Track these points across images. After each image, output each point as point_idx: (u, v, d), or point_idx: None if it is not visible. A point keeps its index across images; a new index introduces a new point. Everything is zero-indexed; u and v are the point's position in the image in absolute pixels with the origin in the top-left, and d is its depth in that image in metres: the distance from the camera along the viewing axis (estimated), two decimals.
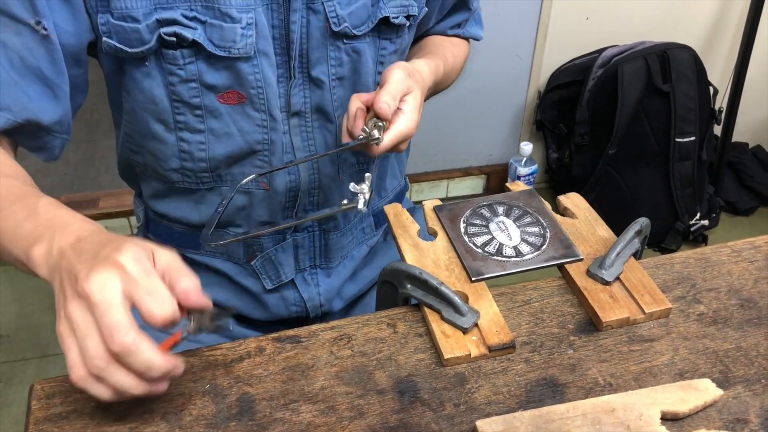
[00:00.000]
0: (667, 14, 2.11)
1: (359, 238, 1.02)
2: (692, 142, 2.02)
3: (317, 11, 0.80)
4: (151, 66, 0.79)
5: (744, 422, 0.62)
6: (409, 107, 0.78)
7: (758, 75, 2.27)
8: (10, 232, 0.65)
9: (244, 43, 0.78)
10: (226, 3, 0.76)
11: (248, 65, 0.80)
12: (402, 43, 0.90)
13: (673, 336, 0.71)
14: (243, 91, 0.81)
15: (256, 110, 0.83)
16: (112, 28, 0.76)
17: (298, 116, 0.86)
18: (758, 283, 0.77)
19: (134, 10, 0.74)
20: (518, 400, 0.65)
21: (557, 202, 0.86)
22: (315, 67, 0.84)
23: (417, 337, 0.70)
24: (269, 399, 0.65)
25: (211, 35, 0.77)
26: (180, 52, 0.77)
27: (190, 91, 0.81)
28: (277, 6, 0.79)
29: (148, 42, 0.76)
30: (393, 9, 0.85)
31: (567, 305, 0.74)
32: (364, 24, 0.84)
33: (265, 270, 0.95)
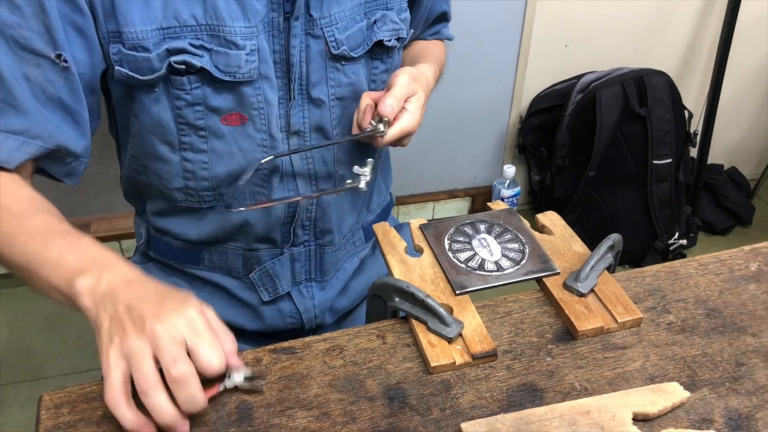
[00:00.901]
0: (643, 41, 2.20)
1: (351, 252, 1.07)
2: (669, 164, 2.09)
3: (317, 36, 0.86)
4: (159, 92, 0.83)
5: (709, 422, 0.67)
6: (413, 107, 0.87)
7: (731, 99, 2.35)
8: (52, 263, 0.70)
9: (248, 68, 0.83)
10: (231, 32, 0.81)
11: (251, 88, 0.84)
12: (392, 63, 0.97)
13: (644, 343, 0.75)
14: (245, 112, 0.86)
15: (257, 130, 0.88)
16: (124, 58, 0.80)
17: (297, 135, 0.91)
18: (723, 294, 0.82)
19: (145, 40, 0.79)
20: (500, 404, 0.69)
21: (535, 219, 0.91)
22: (315, 87, 0.89)
23: (405, 347, 0.75)
24: (266, 406, 0.69)
25: (217, 62, 0.82)
26: (187, 78, 0.82)
27: (195, 114, 0.85)
28: (277, 33, 0.84)
29: (159, 70, 0.81)
30: (386, 33, 0.92)
31: (545, 316, 0.79)
32: (360, 47, 0.90)
33: (263, 283, 0.99)
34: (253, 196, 0.92)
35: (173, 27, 0.80)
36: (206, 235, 0.96)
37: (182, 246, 0.99)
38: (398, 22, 0.93)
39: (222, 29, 0.81)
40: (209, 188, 0.92)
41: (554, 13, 2.06)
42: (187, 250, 0.99)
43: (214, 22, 0.81)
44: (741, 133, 2.52)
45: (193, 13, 0.80)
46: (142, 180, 0.95)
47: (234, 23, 0.81)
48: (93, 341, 0.65)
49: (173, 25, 0.80)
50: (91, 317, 0.66)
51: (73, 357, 1.92)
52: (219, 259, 0.99)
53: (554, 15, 2.06)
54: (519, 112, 2.24)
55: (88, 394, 0.70)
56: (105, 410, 0.68)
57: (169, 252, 1.01)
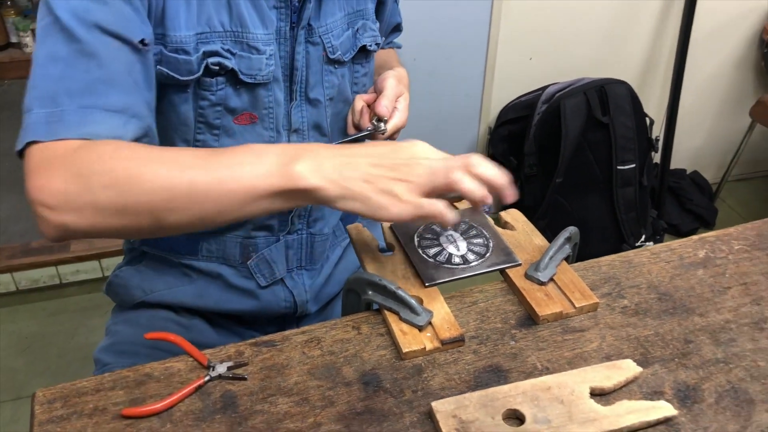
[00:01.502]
0: (604, 53, 2.28)
1: (334, 242, 1.14)
2: (633, 169, 2.17)
3: (316, 43, 0.94)
4: (189, 92, 0.89)
5: (660, 394, 0.73)
6: (402, 106, 1.00)
7: (690, 106, 2.45)
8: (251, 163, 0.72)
9: (267, 71, 0.90)
10: (254, 38, 0.88)
11: (265, 90, 0.92)
12: (369, 66, 1.06)
13: (600, 326, 0.81)
14: (256, 112, 0.93)
15: (265, 128, 0.94)
16: (165, 59, 0.85)
17: (297, 133, 0.98)
18: (673, 279, 0.88)
19: (186, 44, 0.85)
20: (468, 384, 0.74)
21: (499, 216, 0.97)
22: (313, 89, 0.97)
23: (379, 337, 0.80)
24: (249, 394, 0.73)
25: (241, 65, 0.88)
26: (215, 80, 0.88)
27: (215, 113, 0.91)
28: (284, 40, 0.92)
29: (197, 72, 0.86)
30: (368, 39, 1.02)
31: (509, 304, 0.84)
32: (348, 52, 0.99)
33: (260, 269, 1.04)
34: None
35: (206, 32, 0.86)
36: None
37: (181, 236, 1.02)
38: (375, 30, 1.04)
39: (246, 35, 0.88)
40: None
41: (518, 27, 2.14)
42: (185, 241, 1.03)
43: (238, 29, 0.88)
44: (702, 139, 2.62)
45: (221, 20, 0.87)
46: None
47: (256, 30, 0.89)
48: (74, 360, 0.68)
49: (206, 30, 0.86)
50: (331, 194, 0.72)
51: (55, 375, 1.94)
52: (217, 248, 1.03)
53: (519, 29, 2.15)
54: (488, 123, 2.31)
55: (80, 389, 0.73)
56: (96, 403, 0.72)
57: (165, 244, 1.05)
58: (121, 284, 1.08)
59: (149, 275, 1.07)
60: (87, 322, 2.11)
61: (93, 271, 2.21)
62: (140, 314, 1.07)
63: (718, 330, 0.81)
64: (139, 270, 1.07)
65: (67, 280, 2.21)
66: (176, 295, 1.06)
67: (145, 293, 1.06)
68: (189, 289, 1.06)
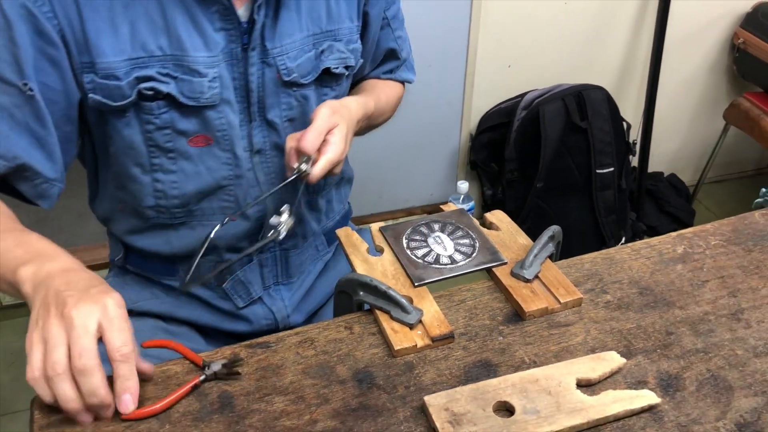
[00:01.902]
0: (581, 59, 2.33)
1: (314, 256, 1.14)
2: (611, 173, 2.21)
3: (270, 64, 0.94)
4: (130, 116, 0.90)
5: (644, 383, 0.76)
6: (335, 138, 0.90)
7: (667, 111, 2.50)
8: (1, 256, 0.77)
9: (211, 94, 0.90)
10: (195, 61, 0.89)
11: (214, 112, 0.92)
12: (340, 89, 1.05)
13: (585, 320, 0.84)
14: (210, 134, 0.94)
15: (222, 150, 0.95)
16: (97, 86, 0.87)
17: (260, 154, 0.99)
18: (654, 274, 0.91)
19: (116, 69, 0.86)
20: (459, 379, 0.76)
21: (484, 218, 0.99)
22: (270, 111, 0.97)
23: (371, 336, 0.82)
24: (246, 394, 0.75)
25: (182, 88, 0.89)
26: (156, 104, 0.89)
27: (164, 137, 0.92)
28: (236, 61, 0.92)
29: (129, 96, 0.88)
30: (333, 61, 1.00)
31: (496, 301, 0.87)
32: (309, 74, 0.98)
33: (236, 291, 1.06)
34: (222, 216, 0.98)
35: (142, 57, 0.87)
36: (179, 249, 1.02)
37: (157, 260, 1.04)
38: (345, 52, 1.01)
39: (186, 59, 0.89)
40: (180, 205, 0.98)
41: (497, 35, 2.18)
42: (161, 264, 1.05)
43: (178, 52, 0.88)
44: (678, 142, 2.67)
45: (159, 44, 0.88)
46: (121, 196, 1.01)
47: (197, 53, 0.89)
48: None
49: (141, 55, 0.87)
50: (29, 302, 0.73)
51: None
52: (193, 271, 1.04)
53: (497, 38, 2.18)
54: (469, 130, 2.35)
55: None
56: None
57: (145, 265, 1.07)
58: None
59: (135, 288, 1.08)
60: None
61: None
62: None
63: (697, 321, 0.83)
64: (125, 282, 1.09)
65: None
66: (163, 305, 1.08)
67: (132, 302, 1.07)
68: (175, 302, 1.08)
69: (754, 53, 2.30)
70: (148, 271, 1.06)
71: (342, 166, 0.96)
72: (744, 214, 1.02)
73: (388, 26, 1.13)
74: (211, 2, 0.88)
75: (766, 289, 0.88)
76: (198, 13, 0.88)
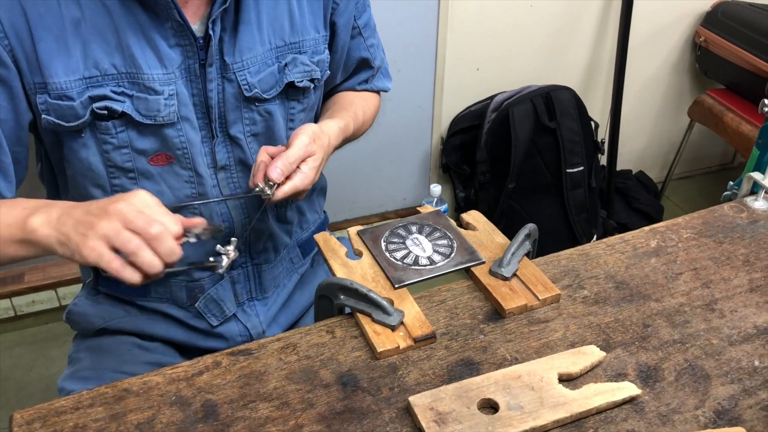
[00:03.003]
0: (548, 61, 2.36)
1: (289, 268, 1.13)
2: (581, 172, 2.24)
3: (231, 80, 0.92)
4: (86, 137, 0.88)
5: (624, 375, 0.77)
6: (308, 167, 0.89)
7: (633, 109, 2.54)
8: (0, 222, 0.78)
9: (168, 112, 0.89)
10: (150, 78, 0.87)
11: (173, 130, 0.90)
12: (309, 102, 1.02)
13: (564, 316, 0.85)
14: (170, 152, 0.92)
15: (183, 168, 0.94)
16: (50, 107, 0.85)
17: (224, 170, 0.97)
18: (629, 269, 0.93)
19: (69, 90, 0.85)
20: (442, 378, 0.77)
21: (461, 218, 1.00)
22: (232, 126, 0.95)
23: (353, 339, 0.82)
24: (230, 402, 0.74)
25: (138, 106, 0.88)
26: (112, 123, 0.88)
27: (123, 157, 0.91)
28: (195, 78, 0.90)
29: (83, 116, 0.86)
30: (297, 75, 0.97)
31: (476, 300, 0.87)
32: (272, 88, 0.96)
33: (209, 309, 1.04)
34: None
35: (95, 76, 0.86)
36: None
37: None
38: (309, 65, 0.99)
39: (141, 77, 0.87)
40: None
41: (464, 39, 2.20)
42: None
43: (132, 70, 0.87)
44: (645, 140, 2.72)
45: (113, 62, 0.86)
46: None
47: (152, 71, 0.87)
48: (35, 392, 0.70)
49: (95, 74, 0.86)
50: (53, 241, 0.74)
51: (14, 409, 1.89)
52: (164, 291, 1.03)
53: (465, 40, 2.20)
54: (440, 133, 2.36)
55: (58, 409, 0.73)
56: (76, 421, 0.72)
57: (116, 287, 1.05)
58: (80, 313, 1.08)
59: (107, 307, 1.07)
60: (46, 353, 2.07)
61: (49, 300, 2.16)
62: (102, 340, 1.07)
63: (673, 313, 0.85)
64: (98, 301, 1.07)
65: (22, 311, 2.16)
66: (136, 323, 1.06)
67: (105, 320, 1.06)
68: (148, 320, 1.06)
69: (715, 51, 2.35)
70: (120, 292, 1.05)
71: (306, 193, 0.93)
72: (713, 207, 1.04)
73: (359, 35, 1.11)
74: (164, 19, 0.86)
75: (738, 279, 0.90)
76: (151, 30, 0.86)
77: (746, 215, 1.02)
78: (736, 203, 1.05)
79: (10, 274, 2.12)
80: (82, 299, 1.09)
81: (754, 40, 2.17)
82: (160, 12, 0.85)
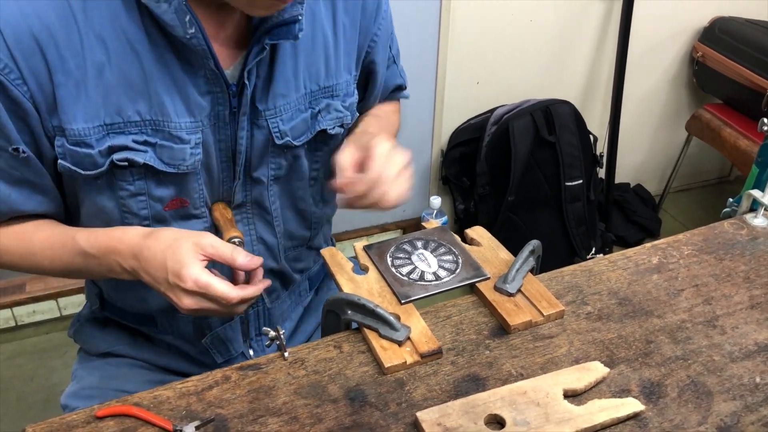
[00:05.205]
0: (547, 75, 2.38)
1: (296, 301, 1.12)
2: (580, 185, 2.26)
3: (261, 126, 0.88)
4: (102, 184, 0.85)
5: (627, 391, 0.78)
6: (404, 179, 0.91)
7: (631, 123, 2.57)
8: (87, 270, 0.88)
9: (193, 161, 0.85)
10: (177, 127, 0.83)
11: (194, 177, 0.88)
12: (334, 143, 0.98)
13: (568, 332, 0.86)
14: (186, 197, 0.89)
15: (196, 208, 0.91)
16: (67, 152, 0.81)
17: (240, 208, 0.95)
18: (631, 285, 0.94)
19: (88, 137, 0.81)
20: (449, 394, 0.78)
21: (465, 234, 1.02)
22: (257, 170, 0.92)
23: (360, 354, 0.83)
24: (239, 417, 0.75)
25: (161, 155, 0.84)
26: (129, 171, 0.84)
27: (139, 204, 0.87)
28: (223, 125, 0.87)
29: (101, 166, 0.82)
30: (330, 122, 0.94)
31: (481, 316, 0.88)
32: (303, 135, 0.93)
33: (215, 346, 1.03)
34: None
35: (117, 123, 0.81)
36: (156, 307, 0.98)
37: (134, 314, 1.03)
38: (342, 110, 0.95)
39: (167, 125, 0.83)
40: None
41: (465, 53, 2.22)
42: (140, 315, 1.02)
43: (159, 118, 0.82)
44: (643, 154, 2.74)
45: (137, 109, 0.81)
46: None
47: (180, 119, 0.83)
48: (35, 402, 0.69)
49: (117, 121, 0.81)
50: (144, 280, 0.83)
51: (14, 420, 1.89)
52: (170, 324, 1.02)
53: (465, 55, 2.22)
54: (440, 146, 2.38)
55: (70, 423, 0.74)
56: None
57: (123, 316, 1.05)
58: (86, 334, 1.08)
59: (113, 332, 1.06)
60: (46, 363, 2.07)
61: (50, 311, 2.17)
62: (107, 361, 1.07)
63: (675, 329, 0.86)
64: (104, 325, 1.07)
65: (23, 321, 2.16)
66: (142, 352, 1.06)
67: (110, 345, 1.06)
68: (153, 349, 1.06)
69: (713, 66, 2.37)
70: (128, 320, 1.04)
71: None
72: (714, 224, 1.05)
73: (393, 63, 1.09)
74: (197, 67, 0.82)
75: (739, 296, 0.92)
76: (182, 77, 0.82)
77: (746, 232, 1.04)
78: (736, 220, 1.06)
79: (12, 283, 2.12)
80: (88, 322, 1.09)
81: (751, 56, 2.20)
82: (194, 61, 0.82)
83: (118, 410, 0.75)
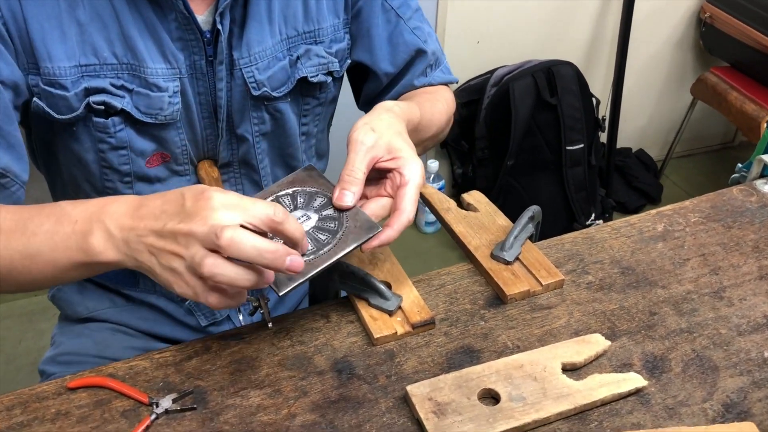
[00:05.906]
0: (550, 35, 2.31)
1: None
2: (581, 150, 2.21)
3: (237, 77, 0.84)
4: (79, 131, 0.80)
5: (629, 366, 0.74)
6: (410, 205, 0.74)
7: (635, 86, 2.50)
8: (48, 244, 0.67)
9: (171, 110, 0.81)
10: (153, 73, 0.79)
11: (174, 130, 0.83)
12: (326, 96, 0.93)
13: (567, 302, 0.82)
14: (167, 151, 0.84)
15: (179, 165, 0.86)
16: (42, 92, 0.77)
17: (226, 167, 0.90)
18: (635, 253, 0.90)
19: (62, 77, 0.76)
20: (441, 367, 0.74)
21: (461, 199, 0.97)
22: (239, 126, 0.88)
23: (349, 324, 0.79)
24: (219, 389, 0.71)
25: (138, 103, 0.80)
26: (111, 120, 0.80)
27: (121, 159, 0.83)
28: (201, 75, 0.83)
29: (77, 110, 0.78)
30: (311, 69, 0.88)
31: (476, 285, 0.84)
32: (283, 85, 0.87)
33: (200, 308, 0.99)
34: None
35: (93, 65, 0.77)
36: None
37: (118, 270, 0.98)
38: (325, 56, 0.90)
39: (143, 70, 0.79)
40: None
41: (465, 11, 2.14)
42: (122, 273, 0.97)
43: (134, 62, 0.79)
44: (646, 118, 2.68)
45: (113, 51, 0.78)
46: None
47: (155, 65, 0.79)
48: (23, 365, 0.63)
49: (93, 62, 0.77)
50: (129, 265, 0.65)
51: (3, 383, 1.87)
52: (154, 283, 0.96)
53: (465, 13, 2.15)
54: None
55: (39, 394, 0.70)
56: (58, 407, 0.69)
57: (104, 274, 1.00)
58: (64, 299, 1.04)
59: (93, 296, 1.02)
60: (35, 326, 2.04)
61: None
62: (86, 326, 1.03)
63: (680, 301, 0.82)
64: (84, 287, 1.02)
65: None
66: (122, 315, 1.01)
67: (89, 311, 1.02)
68: (135, 312, 1.01)
69: (721, 27, 2.30)
70: (108, 280, 1.00)
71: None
72: (722, 190, 1.01)
73: (397, 17, 0.96)
74: (167, 9, 0.78)
75: (747, 266, 0.87)
76: (154, 20, 0.78)
77: (756, 199, 0.99)
78: (746, 186, 1.02)
79: None
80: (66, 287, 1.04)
81: (762, 18, 2.12)
82: (164, 3, 0.78)
83: (91, 381, 0.71)
